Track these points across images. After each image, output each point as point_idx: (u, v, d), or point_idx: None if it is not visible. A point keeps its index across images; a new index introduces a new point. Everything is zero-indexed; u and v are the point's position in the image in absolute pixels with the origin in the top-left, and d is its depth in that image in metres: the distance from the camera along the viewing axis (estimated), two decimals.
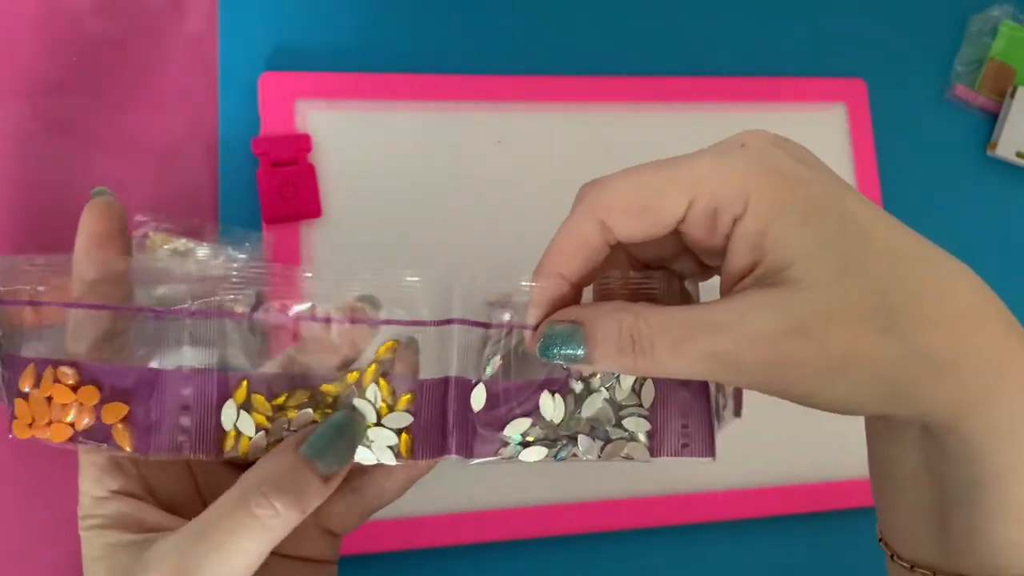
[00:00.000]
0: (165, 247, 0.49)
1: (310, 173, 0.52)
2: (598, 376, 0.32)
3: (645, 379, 0.32)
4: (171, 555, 0.29)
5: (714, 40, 0.62)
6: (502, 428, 0.32)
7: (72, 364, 0.31)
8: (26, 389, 0.31)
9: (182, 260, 0.49)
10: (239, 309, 0.31)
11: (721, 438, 0.35)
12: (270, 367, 0.33)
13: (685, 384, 0.32)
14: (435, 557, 0.51)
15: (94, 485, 0.32)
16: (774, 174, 0.28)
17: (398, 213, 0.54)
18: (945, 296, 0.28)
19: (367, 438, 0.32)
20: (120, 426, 0.31)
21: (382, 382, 0.32)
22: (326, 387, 0.32)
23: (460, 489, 0.51)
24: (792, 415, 0.50)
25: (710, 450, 0.32)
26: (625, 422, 0.32)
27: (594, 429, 0.32)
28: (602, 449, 0.32)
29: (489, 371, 0.32)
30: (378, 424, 0.32)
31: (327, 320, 0.32)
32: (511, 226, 0.55)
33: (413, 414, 0.32)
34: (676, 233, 0.30)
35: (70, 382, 0.31)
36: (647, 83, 0.59)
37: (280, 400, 0.32)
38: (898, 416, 0.29)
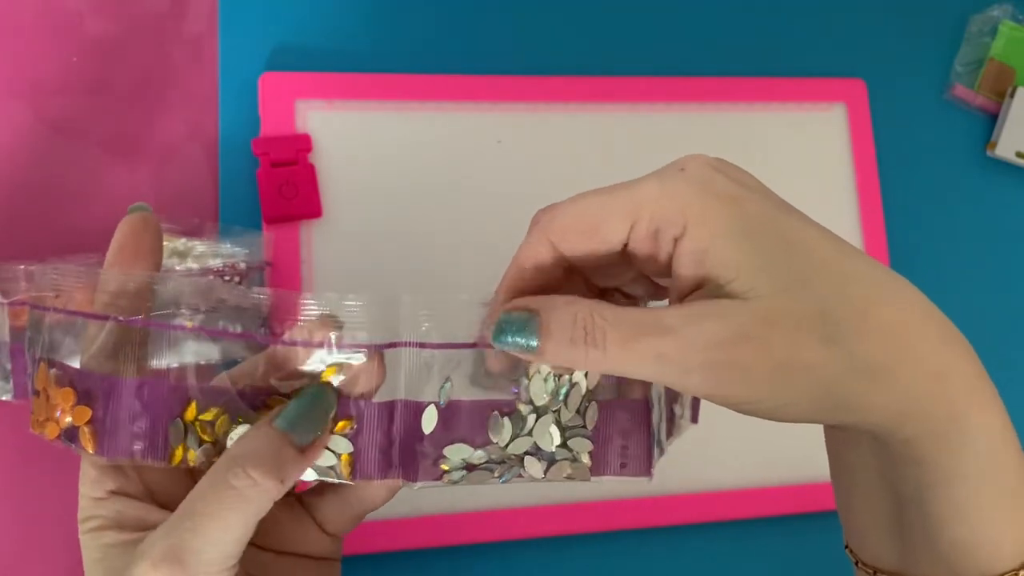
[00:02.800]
0: (164, 245, 0.49)
1: (310, 173, 0.52)
2: (546, 397, 0.32)
3: (591, 401, 0.33)
4: (159, 542, 0.30)
5: (714, 40, 0.62)
6: (449, 451, 0.32)
7: (60, 366, 0.32)
8: (39, 387, 0.32)
9: (181, 260, 0.49)
10: (189, 323, 0.32)
11: (722, 438, 0.35)
12: (220, 380, 0.33)
13: (626, 407, 0.33)
14: (435, 557, 0.51)
15: (92, 486, 0.33)
16: (711, 195, 0.29)
17: (398, 213, 0.54)
18: (884, 308, 0.29)
19: None
20: (86, 428, 0.32)
21: None
22: (272, 402, 0.32)
23: (459, 489, 0.51)
24: None
25: (647, 470, 0.33)
26: (570, 443, 0.33)
27: (540, 450, 0.33)
28: (546, 470, 0.33)
29: (443, 396, 0.32)
30: None
31: (275, 341, 0.32)
32: (510, 226, 0.55)
33: (351, 438, 0.32)
34: (627, 258, 0.31)
35: (57, 383, 0.32)
36: (647, 83, 0.59)
37: (209, 416, 0.32)
38: (846, 424, 0.30)
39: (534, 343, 0.29)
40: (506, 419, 0.32)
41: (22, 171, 0.51)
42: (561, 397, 0.32)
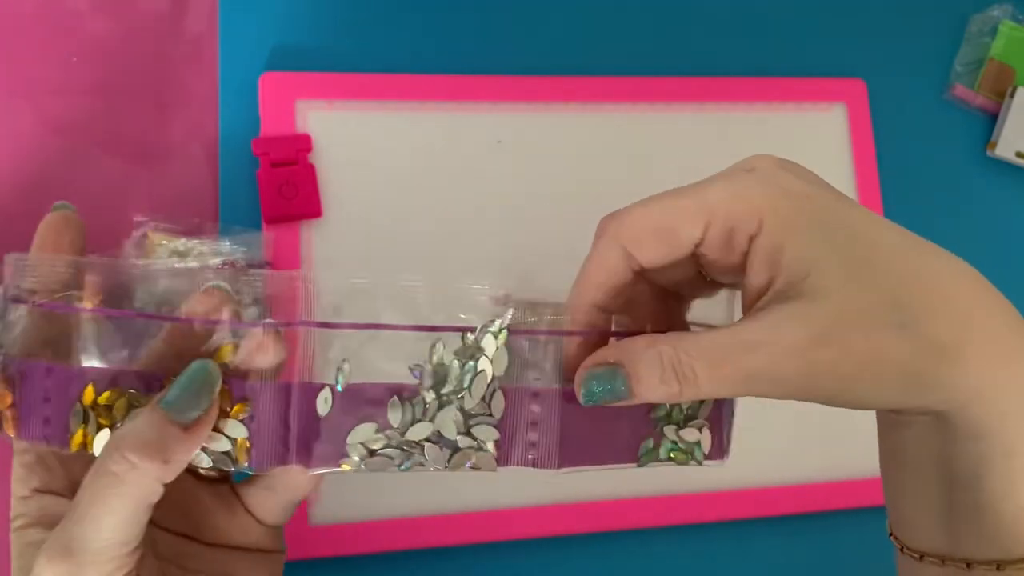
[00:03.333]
0: (164, 244, 0.49)
1: (310, 173, 0.52)
2: (450, 384, 0.32)
3: (495, 389, 0.32)
4: (56, 536, 0.30)
5: (714, 40, 0.62)
6: (346, 436, 0.32)
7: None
8: None
9: (181, 260, 0.49)
10: (89, 305, 0.31)
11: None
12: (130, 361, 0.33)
13: (536, 395, 0.32)
14: (434, 557, 0.51)
15: (19, 484, 0.33)
16: (783, 194, 0.30)
17: (398, 213, 0.54)
18: (949, 289, 0.30)
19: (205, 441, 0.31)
20: (8, 413, 0.32)
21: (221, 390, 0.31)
22: (168, 383, 0.32)
23: (459, 489, 0.51)
24: (792, 416, 0.50)
25: (556, 461, 0.33)
26: (474, 430, 0.32)
27: (442, 438, 0.32)
28: (449, 459, 0.32)
29: (341, 378, 0.32)
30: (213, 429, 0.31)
31: (172, 319, 0.32)
32: (510, 226, 0.55)
33: (246, 423, 0.31)
34: (691, 258, 0.32)
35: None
36: (647, 83, 0.59)
37: (105, 399, 0.32)
38: (919, 406, 0.30)
39: (627, 394, 0.31)
40: (406, 404, 0.32)
41: (22, 171, 0.51)
42: (465, 384, 0.32)
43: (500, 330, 0.32)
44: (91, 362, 0.32)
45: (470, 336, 0.32)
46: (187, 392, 0.31)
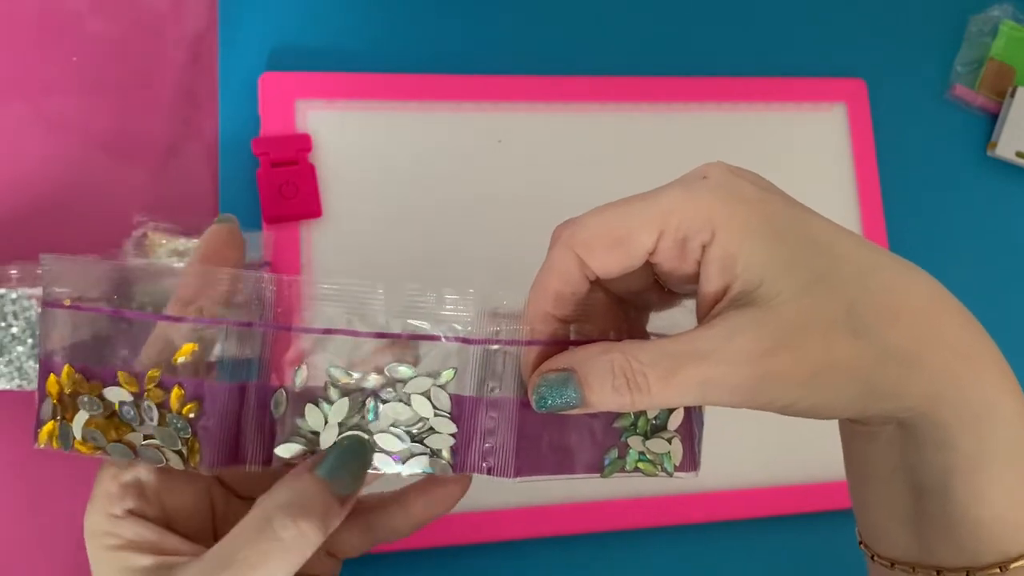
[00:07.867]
0: (164, 244, 0.49)
1: (310, 173, 0.52)
2: (409, 386, 0.32)
3: (450, 396, 0.32)
4: None
5: (714, 40, 0.62)
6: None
7: None
8: None
9: (181, 260, 0.49)
10: (67, 301, 0.32)
11: (723, 438, 0.35)
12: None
13: (493, 404, 0.32)
14: (435, 557, 0.51)
15: (110, 502, 0.32)
16: (737, 201, 0.30)
17: (398, 213, 0.54)
18: (906, 297, 0.29)
19: (154, 439, 0.31)
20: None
21: (176, 389, 0.31)
22: (121, 376, 0.32)
23: None
24: (782, 416, 0.50)
25: (512, 470, 0.32)
26: (427, 440, 0.32)
27: (390, 446, 0.32)
28: (404, 461, 0.32)
29: (298, 380, 0.32)
30: (164, 425, 0.32)
31: (138, 317, 0.32)
32: (510, 225, 0.55)
33: (198, 422, 0.31)
34: (647, 266, 0.31)
35: None
36: (647, 83, 0.59)
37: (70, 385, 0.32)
38: (880, 414, 0.30)
39: (578, 400, 0.30)
40: (353, 411, 0.32)
41: (22, 171, 0.51)
42: (408, 394, 0.32)
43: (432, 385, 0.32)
44: (60, 355, 0.32)
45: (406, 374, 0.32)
46: (351, 469, 0.31)
